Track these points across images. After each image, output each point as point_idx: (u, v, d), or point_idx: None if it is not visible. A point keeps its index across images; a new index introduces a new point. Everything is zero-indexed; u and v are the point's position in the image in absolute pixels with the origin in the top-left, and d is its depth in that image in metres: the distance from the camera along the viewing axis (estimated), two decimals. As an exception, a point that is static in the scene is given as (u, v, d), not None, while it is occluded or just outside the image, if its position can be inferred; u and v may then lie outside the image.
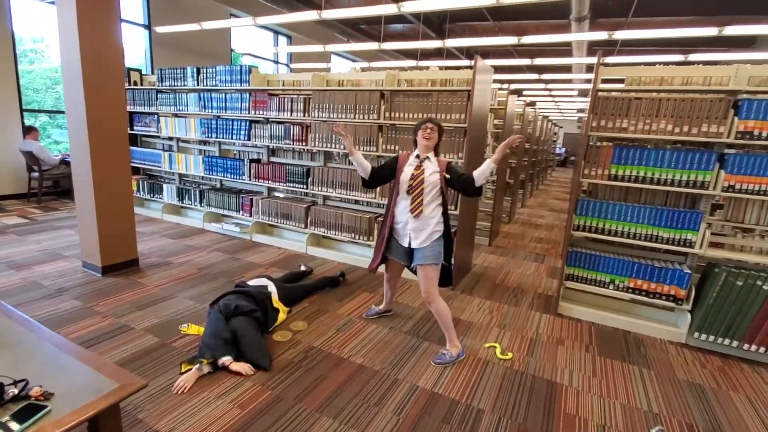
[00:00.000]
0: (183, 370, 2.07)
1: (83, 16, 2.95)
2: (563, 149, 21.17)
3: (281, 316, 2.65)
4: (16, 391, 1.00)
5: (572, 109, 19.30)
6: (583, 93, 13.37)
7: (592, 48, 8.42)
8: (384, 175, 2.46)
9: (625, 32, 5.78)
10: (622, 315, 2.93)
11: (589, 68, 9.61)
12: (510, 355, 2.44)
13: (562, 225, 6.25)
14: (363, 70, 11.77)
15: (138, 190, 5.45)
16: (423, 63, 10.07)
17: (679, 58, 7.55)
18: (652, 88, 2.70)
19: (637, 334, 2.82)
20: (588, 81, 10.58)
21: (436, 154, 2.40)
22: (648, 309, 2.94)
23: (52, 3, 5.52)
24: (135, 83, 5.43)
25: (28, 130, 5.67)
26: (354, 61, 12.77)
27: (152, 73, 6.69)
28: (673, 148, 2.63)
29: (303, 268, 3.58)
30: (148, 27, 7.29)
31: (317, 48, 8.52)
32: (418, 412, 1.91)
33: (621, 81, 2.84)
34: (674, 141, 2.84)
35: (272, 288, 2.76)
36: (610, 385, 2.21)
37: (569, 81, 11.41)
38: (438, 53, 11.35)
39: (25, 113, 5.90)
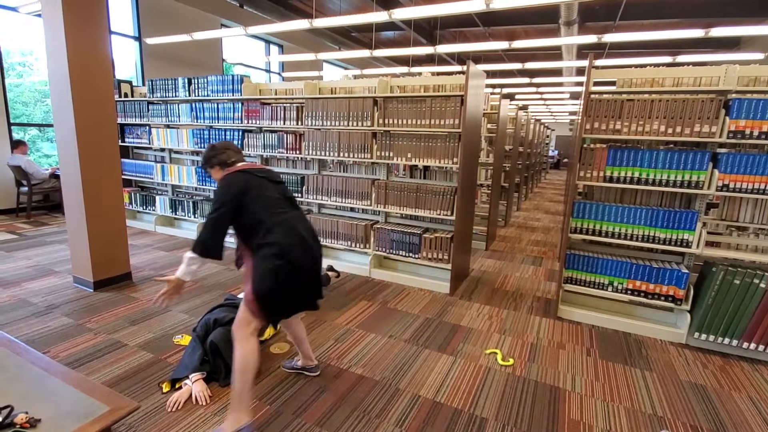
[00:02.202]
0: (165, 391, 2.01)
1: (70, 28, 2.92)
2: (556, 151, 21.33)
3: (269, 330, 2.59)
4: None
5: (564, 111, 19.49)
6: (574, 96, 13.50)
7: (582, 51, 8.53)
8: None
9: (614, 35, 5.84)
10: (622, 317, 2.92)
11: (580, 71, 9.71)
12: (511, 361, 2.40)
13: (558, 227, 6.26)
14: (355, 77, 11.80)
15: (130, 203, 5.39)
16: (415, 69, 10.13)
17: (668, 59, 7.65)
18: (644, 90, 2.72)
19: (637, 335, 2.80)
20: (579, 84, 10.69)
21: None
22: (647, 310, 2.93)
23: (39, 15, 5.49)
24: (126, 95, 5.38)
25: (16, 144, 5.59)
26: (346, 68, 12.81)
27: (143, 84, 6.64)
28: (666, 149, 2.64)
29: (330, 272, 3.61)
30: (139, 38, 7.25)
31: (309, 56, 8.53)
32: (421, 423, 1.87)
33: (612, 83, 2.86)
34: (667, 141, 2.85)
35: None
36: (613, 389, 2.18)
37: (560, 84, 11.52)
38: (430, 59, 11.42)
39: (13, 127, 5.82)
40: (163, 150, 5.27)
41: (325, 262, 3.79)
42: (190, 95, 4.64)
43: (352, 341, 2.58)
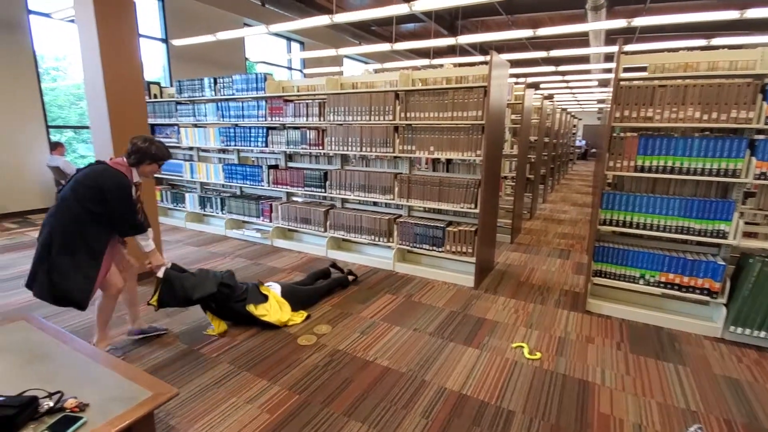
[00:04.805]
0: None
1: (104, 34, 3.04)
2: (583, 141, 20.73)
3: (286, 314, 2.71)
4: (51, 404, 1.03)
5: (591, 100, 18.89)
6: (603, 83, 13.06)
7: (610, 36, 8.22)
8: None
9: (644, 19, 5.61)
10: (654, 310, 2.83)
11: (608, 57, 9.38)
12: (538, 354, 2.38)
13: (586, 219, 6.10)
14: (376, 71, 11.79)
15: (161, 200, 5.58)
16: (436, 61, 10.02)
17: (702, 42, 7.29)
18: (677, 75, 2.61)
19: (670, 329, 2.72)
20: (607, 71, 10.33)
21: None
22: (681, 303, 2.84)
23: (72, 21, 5.71)
24: (155, 96, 5.57)
25: (54, 146, 5.88)
26: (366, 63, 12.81)
27: (171, 85, 6.84)
28: (701, 136, 2.53)
29: (349, 274, 3.51)
30: (166, 41, 7.47)
31: (330, 52, 8.57)
32: (447, 414, 1.88)
33: (643, 69, 2.75)
34: (702, 129, 2.73)
35: (276, 287, 2.84)
36: (645, 383, 2.13)
37: (587, 71, 11.16)
38: (451, 50, 11.27)
39: (50, 129, 6.12)
40: (191, 148, 5.44)
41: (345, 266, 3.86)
42: (215, 94, 4.75)
43: (377, 334, 2.61)
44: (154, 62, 7.58)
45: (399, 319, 2.81)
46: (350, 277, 3.45)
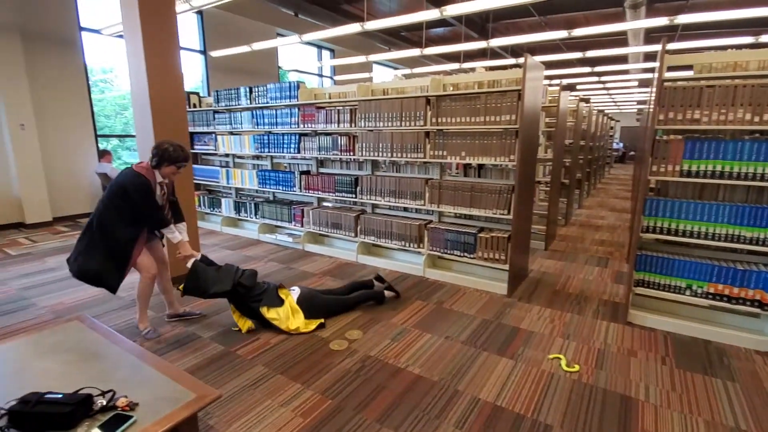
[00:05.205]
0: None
1: (149, 47, 3.21)
2: (621, 144, 19.94)
3: (297, 321, 2.70)
4: (104, 402, 1.08)
5: (630, 101, 18.18)
6: (643, 83, 12.54)
7: (650, 35, 7.89)
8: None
9: (688, 16, 5.35)
10: (701, 323, 2.68)
11: (648, 57, 9.01)
12: (577, 367, 2.30)
13: (625, 226, 5.86)
14: (406, 76, 11.81)
15: (199, 205, 5.80)
16: (467, 65, 9.93)
17: (749, 40, 6.88)
18: (726, 75, 2.46)
19: (718, 343, 2.56)
20: (647, 71, 9.92)
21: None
22: (730, 316, 2.67)
23: (120, 36, 6.06)
24: (194, 105, 5.81)
25: (102, 154, 6.24)
26: (395, 68, 12.87)
27: (209, 94, 7.13)
28: (752, 139, 2.38)
29: (390, 289, 3.31)
30: (204, 52, 7.79)
31: (360, 59, 8.67)
32: (482, 426, 1.84)
33: (688, 69, 2.62)
34: (753, 131, 2.57)
35: (296, 292, 2.85)
36: (692, 400, 2.02)
37: (625, 72, 10.76)
38: (482, 53, 11.15)
39: (98, 138, 6.50)
40: (227, 155, 5.63)
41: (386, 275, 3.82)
42: (251, 103, 4.90)
43: (408, 341, 2.60)
44: (193, 73, 7.91)
45: (430, 326, 2.79)
46: (386, 292, 3.21)
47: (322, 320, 2.80)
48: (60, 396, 1.06)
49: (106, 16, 6.19)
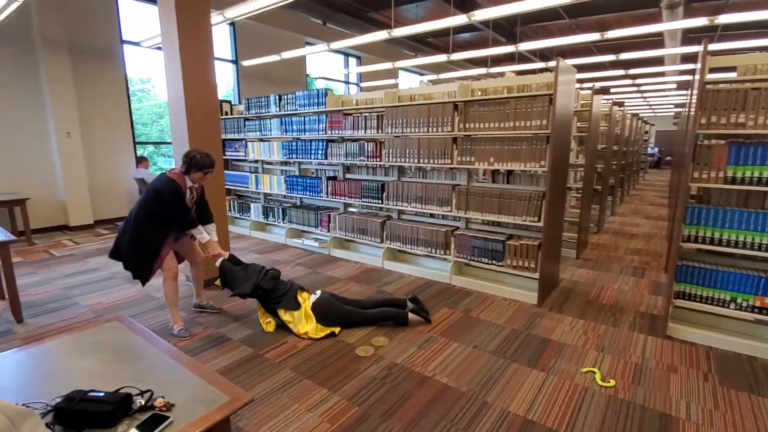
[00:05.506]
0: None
1: (185, 58, 3.34)
2: (656, 149, 19.18)
3: (307, 326, 2.73)
4: (142, 402, 1.12)
5: (666, 104, 17.50)
6: (682, 86, 12.04)
7: (687, 36, 7.58)
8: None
9: (730, 16, 5.11)
10: (746, 338, 2.52)
11: (685, 58, 8.65)
12: (613, 382, 2.20)
13: (662, 234, 5.61)
14: (432, 82, 11.78)
15: (229, 209, 5.96)
16: (494, 69, 9.83)
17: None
18: (774, 76, 2.33)
19: (765, 360, 2.40)
20: (684, 72, 9.53)
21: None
22: (781, 332, 2.50)
23: (158, 48, 6.33)
24: (226, 113, 5.99)
25: (140, 160, 6.52)
26: (421, 74, 12.87)
27: (239, 102, 7.33)
28: (807, 143, 2.24)
29: (409, 303, 3.05)
30: (235, 61, 8.04)
31: (386, 65, 8.72)
32: (511, 439, 1.79)
33: (731, 70, 2.50)
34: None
35: (316, 296, 2.87)
36: (737, 420, 1.90)
37: (661, 74, 10.37)
38: (509, 58, 11.01)
39: (136, 145, 6.80)
40: (256, 161, 5.76)
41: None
42: (280, 110, 5.01)
43: (435, 349, 2.57)
44: (225, 81, 8.17)
45: (457, 335, 2.75)
46: (411, 315, 2.93)
47: (335, 330, 2.76)
48: (102, 394, 1.10)
49: (145, 29, 6.49)
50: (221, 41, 7.90)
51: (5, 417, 0.86)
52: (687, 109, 4.78)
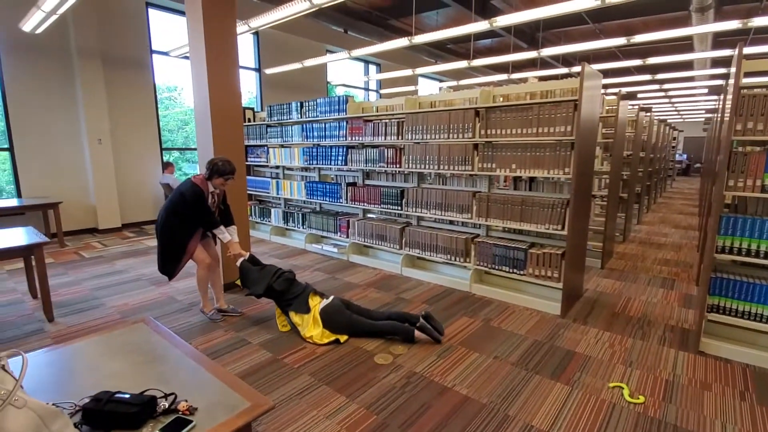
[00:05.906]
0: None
1: (212, 67, 3.42)
2: (684, 155, 18.58)
3: (313, 331, 2.74)
4: (166, 405, 1.13)
5: (696, 109, 16.95)
6: (713, 90, 11.65)
7: (718, 39, 7.34)
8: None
9: (764, 18, 4.93)
10: (789, 357, 2.38)
11: (716, 63, 8.37)
12: (642, 398, 2.11)
13: (692, 244, 5.40)
14: (453, 88, 11.75)
15: (251, 215, 6.05)
16: (515, 75, 9.73)
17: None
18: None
19: (810, 381, 2.27)
20: (714, 77, 9.22)
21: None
22: (827, 351, 2.35)
23: (185, 58, 6.52)
24: (249, 120, 6.11)
25: (166, 165, 6.70)
26: (441, 81, 12.86)
27: (262, 109, 7.47)
28: None
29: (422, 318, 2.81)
30: (258, 69, 8.21)
31: (406, 72, 8.75)
32: (535, 455, 1.74)
33: (766, 75, 2.39)
34: None
35: (327, 301, 2.85)
36: (781, 445, 1.79)
37: (690, 79, 10.06)
38: (531, 64, 10.89)
39: (163, 151, 7.00)
40: (277, 167, 5.85)
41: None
42: (301, 117, 5.08)
43: (454, 358, 2.53)
44: (248, 89, 8.35)
45: (478, 345, 2.70)
46: (417, 332, 2.76)
47: (341, 338, 2.73)
48: (128, 396, 1.12)
49: (173, 40, 6.70)
50: (245, 50, 8.09)
51: (36, 416, 0.88)
52: (719, 115, 4.60)
